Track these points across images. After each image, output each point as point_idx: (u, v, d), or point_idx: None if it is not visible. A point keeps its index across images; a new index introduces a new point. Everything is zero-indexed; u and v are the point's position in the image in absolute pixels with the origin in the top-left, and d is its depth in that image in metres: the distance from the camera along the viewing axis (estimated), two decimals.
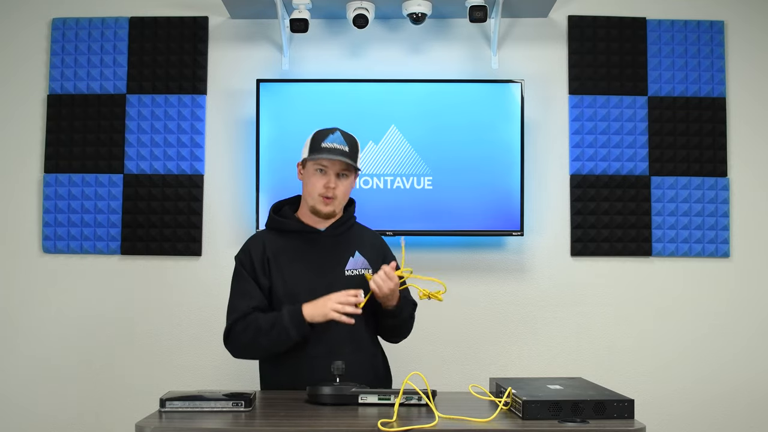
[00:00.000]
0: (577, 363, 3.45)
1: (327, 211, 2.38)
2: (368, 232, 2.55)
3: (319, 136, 2.38)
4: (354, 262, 2.40)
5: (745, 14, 3.58)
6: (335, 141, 2.35)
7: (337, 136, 2.37)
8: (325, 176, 2.36)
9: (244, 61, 3.54)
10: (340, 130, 2.40)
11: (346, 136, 2.39)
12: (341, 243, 2.42)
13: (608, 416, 1.85)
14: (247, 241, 2.46)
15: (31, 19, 3.58)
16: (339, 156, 2.33)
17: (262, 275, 2.35)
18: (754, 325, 3.50)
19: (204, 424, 1.82)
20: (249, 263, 2.37)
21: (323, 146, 2.34)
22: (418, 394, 2.00)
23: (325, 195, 2.35)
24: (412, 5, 3.29)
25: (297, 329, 2.22)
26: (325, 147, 2.34)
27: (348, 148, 2.36)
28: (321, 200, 2.36)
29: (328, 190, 2.35)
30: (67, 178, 3.49)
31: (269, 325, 2.24)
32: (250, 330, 2.26)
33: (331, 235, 2.42)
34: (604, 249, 3.48)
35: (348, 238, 2.45)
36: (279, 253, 2.37)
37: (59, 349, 3.47)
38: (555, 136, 3.53)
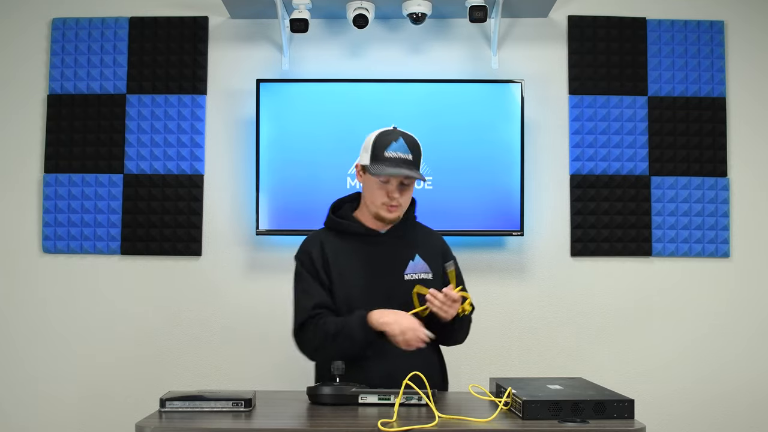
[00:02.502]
0: (576, 363, 3.45)
1: (391, 219, 2.32)
2: (428, 233, 2.49)
3: (381, 142, 2.27)
4: (414, 266, 2.34)
5: (745, 14, 3.58)
6: (399, 150, 2.25)
7: (401, 144, 2.25)
8: (387, 185, 2.28)
9: (244, 61, 3.54)
10: (403, 135, 2.28)
11: (409, 141, 2.28)
12: (401, 245, 2.37)
13: (608, 416, 1.85)
14: (305, 241, 2.40)
15: (31, 19, 3.58)
16: (404, 169, 2.24)
17: (323, 274, 2.30)
18: (754, 325, 3.50)
19: (204, 424, 1.82)
20: (309, 262, 2.32)
21: (386, 156, 2.24)
22: (418, 394, 2.00)
23: (389, 204, 2.29)
24: (412, 5, 3.28)
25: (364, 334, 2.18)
26: (389, 157, 2.24)
27: (412, 156, 2.26)
28: (385, 209, 2.30)
29: (393, 200, 2.28)
30: (67, 178, 3.49)
31: (336, 330, 2.20)
32: (318, 335, 2.22)
33: (391, 238, 2.37)
34: (604, 249, 3.48)
35: (408, 240, 2.39)
36: (338, 255, 2.32)
37: (59, 348, 3.47)
38: (555, 136, 3.53)
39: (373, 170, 2.25)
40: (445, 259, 2.40)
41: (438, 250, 2.43)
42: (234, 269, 3.49)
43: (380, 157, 2.25)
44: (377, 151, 2.26)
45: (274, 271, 3.47)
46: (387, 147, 2.25)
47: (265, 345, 3.46)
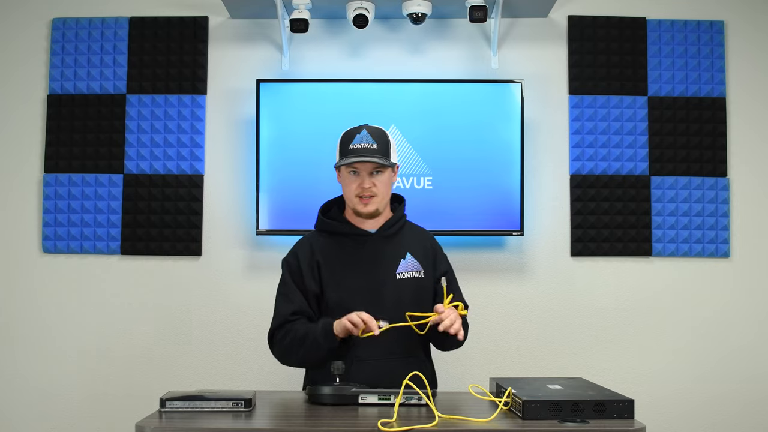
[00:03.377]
0: (576, 363, 3.45)
1: (367, 211, 2.34)
2: (419, 232, 2.50)
3: (347, 137, 2.35)
4: (405, 264, 2.36)
5: (745, 14, 3.58)
6: (363, 140, 2.31)
7: (364, 135, 2.32)
8: (358, 177, 2.32)
9: (244, 61, 3.54)
10: (367, 127, 2.35)
11: (374, 132, 2.34)
12: (392, 245, 2.38)
13: (608, 416, 1.85)
14: (296, 244, 2.44)
15: (31, 19, 3.58)
16: (368, 157, 2.29)
17: (310, 279, 2.33)
18: (753, 325, 3.50)
19: (204, 424, 1.82)
20: (296, 267, 2.36)
21: (351, 148, 2.31)
22: (418, 394, 2.00)
23: (361, 195, 2.32)
24: (412, 5, 3.28)
25: (326, 340, 2.20)
26: (354, 149, 2.30)
27: (377, 145, 2.31)
28: (359, 201, 2.33)
29: (364, 191, 2.31)
30: (67, 178, 3.49)
31: (303, 335, 2.24)
32: (287, 338, 2.28)
33: (381, 237, 2.38)
34: (604, 249, 3.48)
35: (399, 240, 2.40)
36: (329, 257, 2.34)
37: (59, 348, 3.47)
38: (555, 136, 3.53)
39: (339, 162, 2.33)
40: (437, 260, 2.43)
41: (428, 249, 2.45)
42: (234, 269, 3.49)
43: (347, 152, 2.32)
44: (343, 146, 2.34)
45: (274, 271, 3.43)
46: (352, 140, 2.32)
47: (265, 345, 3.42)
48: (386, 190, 2.37)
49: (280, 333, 2.31)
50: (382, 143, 2.33)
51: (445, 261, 2.49)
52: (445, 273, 2.40)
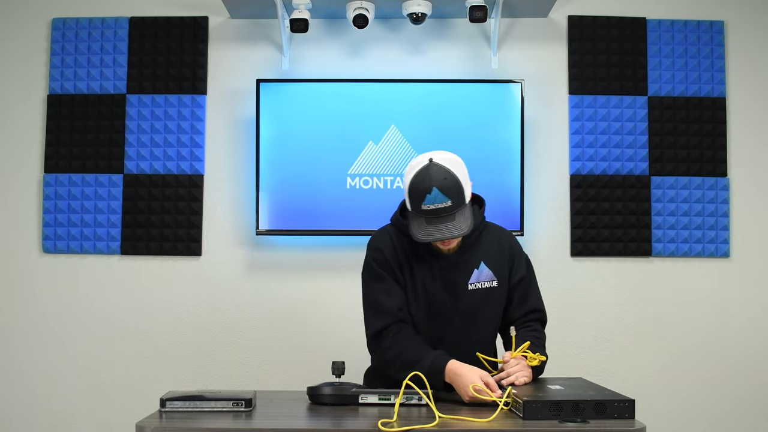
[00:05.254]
0: (576, 363, 3.45)
1: (446, 249, 2.23)
2: (498, 235, 2.36)
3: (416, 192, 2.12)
4: (478, 274, 2.27)
5: (745, 14, 3.58)
6: (436, 201, 2.09)
7: (435, 194, 2.09)
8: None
9: (244, 61, 3.54)
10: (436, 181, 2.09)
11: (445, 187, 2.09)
12: (467, 252, 2.27)
13: (609, 416, 1.85)
14: (374, 238, 2.32)
15: (31, 19, 3.57)
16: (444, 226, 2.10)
17: (399, 272, 2.25)
18: (753, 325, 3.50)
19: (204, 424, 1.82)
20: (383, 259, 2.25)
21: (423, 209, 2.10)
22: (418, 394, 2.00)
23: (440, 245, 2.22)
24: (412, 5, 3.28)
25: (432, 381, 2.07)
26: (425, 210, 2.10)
27: (452, 201, 2.10)
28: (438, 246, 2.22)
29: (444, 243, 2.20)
30: (67, 178, 3.49)
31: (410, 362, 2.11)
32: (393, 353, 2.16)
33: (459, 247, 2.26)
34: (604, 249, 3.48)
35: (475, 246, 2.29)
36: (409, 256, 2.25)
37: (59, 348, 3.47)
38: (555, 136, 3.53)
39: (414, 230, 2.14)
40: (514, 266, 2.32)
41: (507, 254, 2.33)
42: (234, 269, 3.49)
43: (418, 210, 2.12)
44: (414, 203, 2.14)
45: (274, 271, 3.47)
46: (423, 200, 2.11)
47: (265, 345, 3.46)
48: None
49: (387, 339, 2.19)
50: (456, 194, 2.11)
51: (522, 266, 2.35)
52: (521, 279, 2.33)
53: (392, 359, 2.16)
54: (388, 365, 2.19)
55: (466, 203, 2.15)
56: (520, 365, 2.12)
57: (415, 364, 2.10)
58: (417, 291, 2.26)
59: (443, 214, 2.10)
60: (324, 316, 3.45)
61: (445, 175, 2.11)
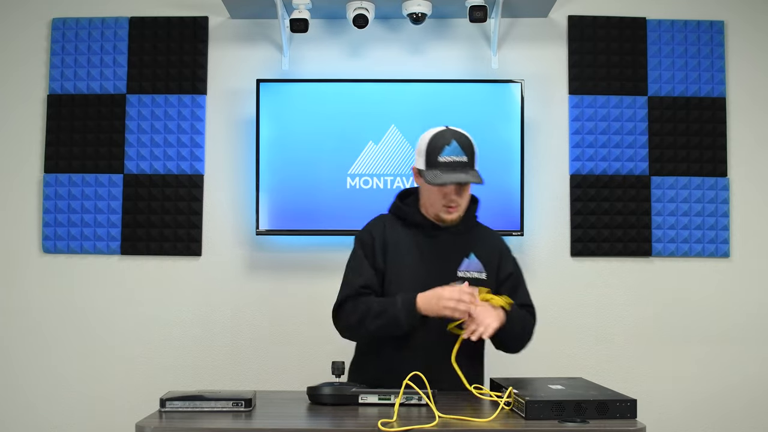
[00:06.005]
0: (576, 363, 3.45)
1: (451, 219, 2.31)
2: (488, 233, 2.46)
3: (434, 146, 2.24)
4: (468, 263, 2.33)
5: (745, 14, 3.58)
6: (453, 153, 2.22)
7: (453, 147, 2.22)
8: (445, 188, 2.26)
9: (244, 61, 3.54)
10: (455, 136, 2.24)
11: (463, 143, 2.24)
12: (459, 242, 2.35)
13: (611, 416, 1.85)
14: (370, 222, 2.41)
15: (31, 19, 3.57)
16: (460, 174, 2.21)
17: (380, 257, 2.30)
18: (753, 325, 3.50)
19: (204, 424, 1.82)
20: (369, 243, 2.32)
21: (441, 161, 2.22)
22: (418, 394, 2.00)
23: (448, 206, 2.28)
24: (412, 5, 3.28)
25: (408, 318, 2.16)
26: (443, 162, 2.21)
27: (467, 158, 2.23)
28: (444, 210, 2.29)
29: (451, 202, 2.27)
30: (67, 178, 3.49)
31: (380, 310, 2.19)
32: (359, 311, 2.22)
33: (450, 233, 2.34)
34: (604, 249, 3.48)
35: (467, 238, 2.37)
36: (398, 241, 2.32)
37: (59, 348, 3.47)
38: (555, 136, 3.53)
39: (429, 178, 2.22)
40: (502, 263, 2.38)
41: (496, 252, 2.40)
42: (234, 269, 3.49)
43: (435, 163, 2.22)
44: (431, 156, 2.23)
45: (274, 271, 3.47)
46: (441, 152, 2.22)
47: (265, 345, 3.46)
48: (468, 199, 2.34)
49: (349, 305, 2.25)
50: (471, 154, 2.24)
51: (510, 262, 2.43)
52: (509, 275, 2.38)
53: (360, 317, 2.21)
54: (357, 326, 2.23)
55: (476, 173, 2.24)
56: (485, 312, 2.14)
57: (386, 310, 2.17)
58: (406, 274, 2.29)
59: (459, 167, 2.21)
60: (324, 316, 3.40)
61: (463, 136, 2.27)
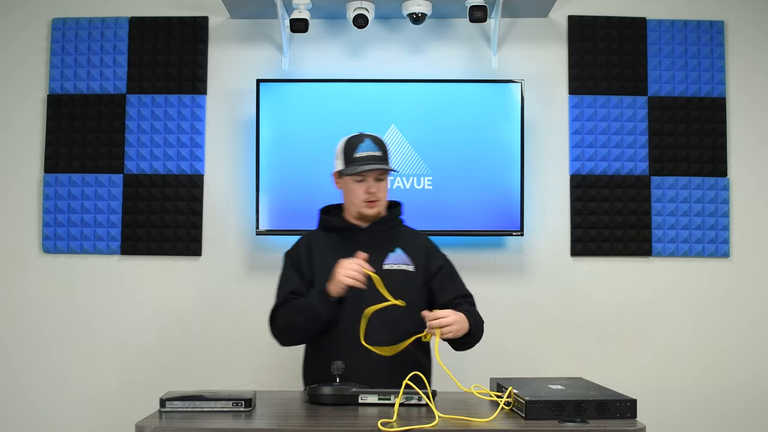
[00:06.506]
0: (576, 363, 3.45)
1: (373, 213, 2.46)
2: (413, 233, 2.60)
3: (350, 146, 2.45)
4: (394, 257, 2.45)
5: (745, 14, 3.58)
6: (368, 149, 2.43)
7: (368, 144, 2.44)
8: (364, 183, 2.43)
9: (244, 61, 3.54)
10: (368, 136, 2.47)
11: (376, 140, 2.47)
12: (382, 240, 2.48)
13: (611, 416, 1.85)
14: (298, 240, 2.58)
15: (31, 19, 3.57)
16: (376, 164, 2.41)
17: (306, 266, 2.46)
18: (753, 325, 3.50)
19: (204, 424, 1.82)
20: (296, 256, 2.50)
21: (357, 156, 2.42)
22: (418, 394, 2.00)
23: (368, 200, 2.44)
24: (412, 5, 3.28)
25: (322, 303, 2.29)
26: (360, 157, 2.42)
27: (381, 153, 2.44)
28: (366, 204, 2.45)
29: (371, 195, 2.43)
30: (67, 178, 3.49)
31: (302, 305, 2.35)
32: (286, 312, 2.38)
33: (372, 232, 2.49)
34: (604, 249, 3.48)
35: (390, 236, 2.51)
36: (323, 249, 2.47)
37: (59, 348, 3.47)
38: (555, 136, 3.53)
39: (348, 171, 2.42)
40: (430, 257, 2.50)
41: (421, 248, 2.52)
42: (234, 269, 3.49)
43: (352, 159, 2.43)
44: (348, 155, 2.44)
45: (274, 271, 3.42)
46: (356, 149, 2.43)
47: (265, 345, 3.45)
48: (386, 194, 2.51)
49: (279, 312, 2.41)
50: (384, 151, 2.47)
51: (439, 256, 2.55)
52: (440, 267, 2.49)
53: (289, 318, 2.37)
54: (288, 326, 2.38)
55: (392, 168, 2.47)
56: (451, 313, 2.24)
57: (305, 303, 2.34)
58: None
59: (373, 160, 2.41)
60: None
61: (376, 136, 2.48)
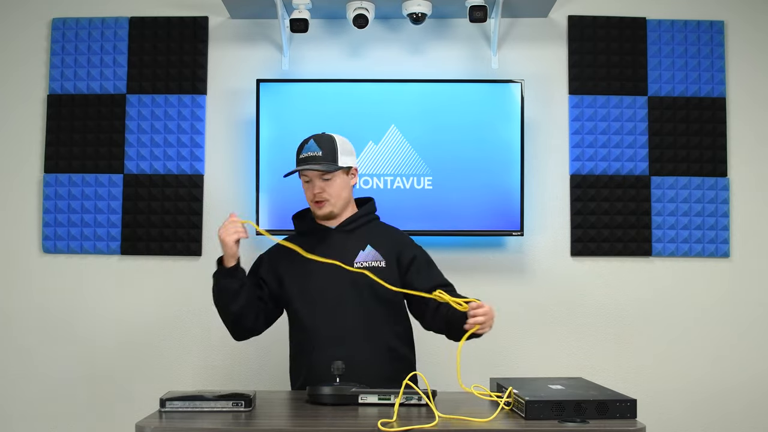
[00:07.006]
0: (576, 363, 3.45)
1: (322, 214, 2.49)
2: (386, 229, 2.61)
3: (298, 148, 2.51)
4: (364, 255, 2.47)
5: (745, 14, 3.58)
6: (309, 150, 2.46)
7: (311, 144, 2.47)
8: (311, 184, 2.48)
9: (244, 61, 3.54)
10: (314, 136, 2.49)
11: (321, 141, 2.47)
12: (352, 239, 2.50)
13: (611, 416, 1.85)
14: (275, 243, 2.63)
15: (31, 19, 3.57)
16: (312, 165, 2.43)
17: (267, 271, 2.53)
18: (753, 325, 3.50)
19: (204, 424, 1.82)
20: (259, 260, 2.59)
21: (300, 158, 2.48)
22: (418, 394, 2.00)
23: (314, 201, 2.48)
24: (412, 5, 3.28)
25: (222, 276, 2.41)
26: (302, 158, 2.47)
27: (322, 153, 2.45)
28: (314, 205, 2.49)
29: (316, 196, 2.47)
30: (67, 178, 3.49)
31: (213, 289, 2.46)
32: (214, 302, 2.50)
33: (341, 231, 2.51)
34: (604, 249, 3.48)
35: (361, 235, 2.52)
36: (296, 258, 2.46)
37: (59, 348, 3.47)
38: (555, 136, 3.53)
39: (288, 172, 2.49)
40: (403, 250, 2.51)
41: (394, 242, 2.54)
42: None
43: (297, 161, 2.49)
44: (296, 158, 2.50)
45: None
46: (301, 152, 2.48)
47: (265, 345, 3.45)
48: (339, 192, 2.49)
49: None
50: (329, 150, 2.46)
51: (411, 247, 2.55)
52: (413, 258, 2.50)
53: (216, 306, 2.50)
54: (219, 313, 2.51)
55: (339, 164, 2.45)
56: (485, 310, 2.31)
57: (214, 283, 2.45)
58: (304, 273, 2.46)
59: (312, 161, 2.44)
60: None
61: (323, 136, 2.49)
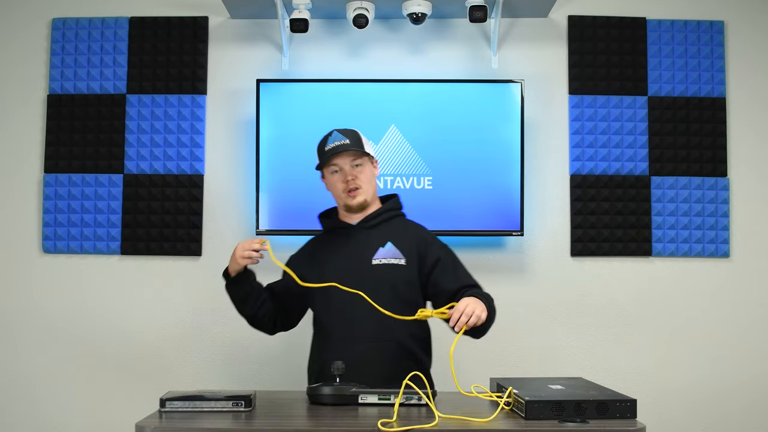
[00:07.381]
0: (576, 363, 3.45)
1: (357, 203, 2.47)
2: (413, 226, 2.58)
3: (321, 144, 2.52)
4: (384, 251, 2.46)
5: (745, 14, 3.58)
6: (335, 140, 2.47)
7: (335, 135, 2.49)
8: (341, 174, 2.47)
9: (244, 61, 3.54)
10: (336, 130, 2.51)
11: (344, 132, 2.50)
12: (373, 235, 2.49)
13: (611, 416, 1.85)
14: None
15: (31, 19, 3.57)
16: (343, 149, 2.44)
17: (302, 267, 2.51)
18: (753, 325, 3.50)
19: (204, 424, 1.82)
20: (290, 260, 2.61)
21: (327, 149, 2.47)
22: (418, 394, 2.00)
23: (348, 189, 2.46)
24: (412, 5, 3.28)
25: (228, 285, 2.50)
26: (329, 149, 2.46)
27: (350, 140, 2.46)
28: (347, 195, 2.47)
29: (350, 183, 2.45)
30: (67, 178, 3.49)
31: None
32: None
33: (362, 228, 2.51)
34: (604, 249, 3.48)
35: (383, 231, 2.50)
36: (319, 249, 2.56)
37: (59, 348, 3.47)
38: (555, 136, 3.53)
39: (321, 162, 2.50)
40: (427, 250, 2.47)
41: (417, 240, 2.50)
42: None
43: (323, 153, 2.50)
44: (320, 151, 2.52)
45: (274, 272, 3.45)
46: (326, 143, 2.49)
47: (265, 345, 3.45)
48: (370, 181, 2.50)
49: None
50: (354, 139, 2.48)
51: (436, 247, 2.50)
52: (437, 260, 2.46)
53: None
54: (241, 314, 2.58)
55: (365, 151, 2.47)
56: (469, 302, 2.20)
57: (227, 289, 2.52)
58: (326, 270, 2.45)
59: (341, 149, 2.44)
60: None
61: (346, 129, 2.52)
